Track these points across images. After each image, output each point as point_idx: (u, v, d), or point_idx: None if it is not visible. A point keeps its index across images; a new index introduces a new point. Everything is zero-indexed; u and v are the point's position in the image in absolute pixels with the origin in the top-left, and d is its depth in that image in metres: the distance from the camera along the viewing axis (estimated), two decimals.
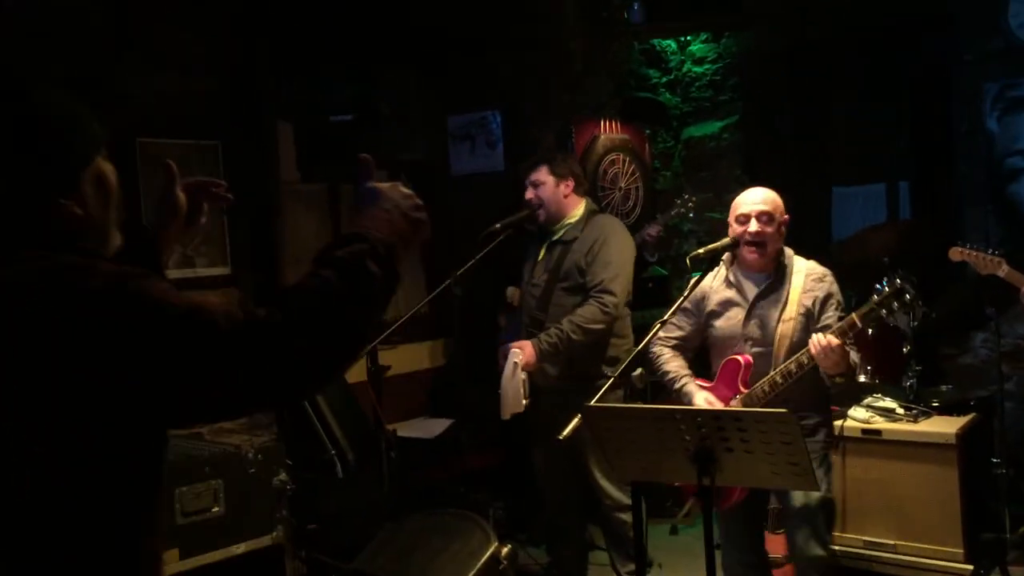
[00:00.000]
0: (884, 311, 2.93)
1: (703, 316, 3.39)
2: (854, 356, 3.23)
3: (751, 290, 3.26)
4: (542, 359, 3.84)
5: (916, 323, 4.38)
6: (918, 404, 4.30)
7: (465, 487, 4.78)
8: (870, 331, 4.51)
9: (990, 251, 3.77)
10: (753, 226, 3.17)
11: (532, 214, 4.06)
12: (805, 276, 3.20)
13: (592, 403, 2.72)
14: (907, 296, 2.89)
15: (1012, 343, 5.03)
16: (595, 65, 5.92)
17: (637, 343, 3.01)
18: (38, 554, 1.33)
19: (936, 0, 5.22)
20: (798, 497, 3.19)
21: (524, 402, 3.85)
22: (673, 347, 3.46)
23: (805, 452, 2.38)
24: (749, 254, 3.22)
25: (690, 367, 3.44)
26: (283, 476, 3.61)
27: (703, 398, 3.24)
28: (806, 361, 3.03)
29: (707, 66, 6.25)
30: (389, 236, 1.47)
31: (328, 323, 1.36)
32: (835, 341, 2.93)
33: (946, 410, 4.31)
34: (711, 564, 2.57)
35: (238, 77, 4.54)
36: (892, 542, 4.08)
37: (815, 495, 3.16)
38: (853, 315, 2.98)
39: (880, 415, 4.24)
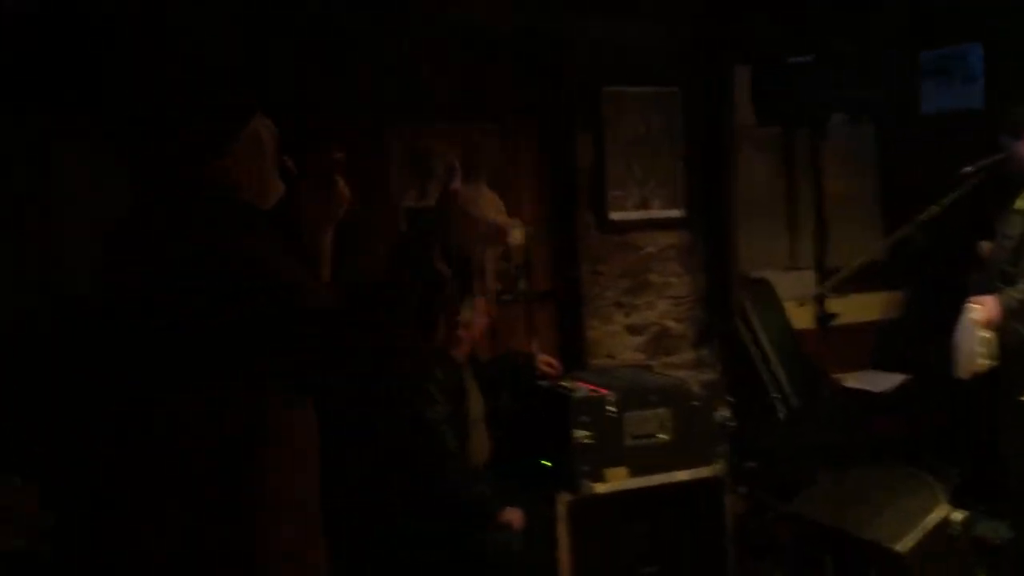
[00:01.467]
0: None
1: None
2: None
3: None
4: (1008, 316, 3.50)
5: None
6: None
7: (916, 446, 4.53)
8: None
9: None
10: None
11: (1009, 158, 3.67)
12: None
13: None
14: None
15: None
16: None
17: None
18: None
19: None
20: None
21: (983, 362, 3.54)
22: None
23: None
24: None
25: None
26: (725, 412, 3.72)
27: None
28: None
29: None
30: (468, 245, 1.68)
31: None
32: None
33: None
34: None
35: (699, 24, 4.65)
36: None
37: None
38: None
39: None
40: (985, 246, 4.30)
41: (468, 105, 4.30)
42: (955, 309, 3.92)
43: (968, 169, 3.67)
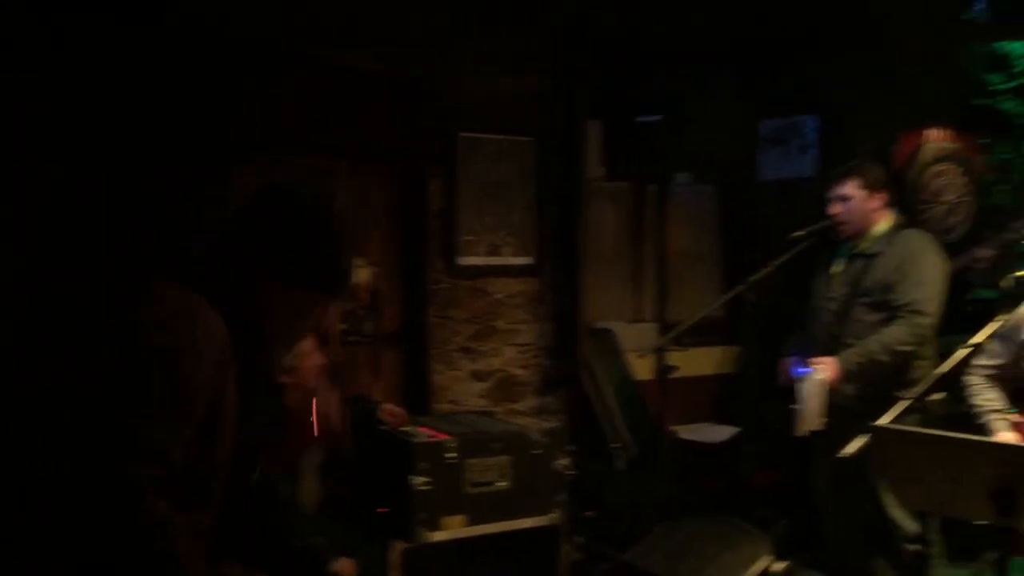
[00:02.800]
0: None
1: (1018, 346, 3.07)
2: None
3: None
4: (845, 378, 3.68)
5: None
6: None
7: (747, 498, 4.68)
8: None
9: None
10: None
11: (837, 225, 3.89)
12: None
13: (884, 423, 2.58)
14: None
15: None
16: (928, 69, 5.51)
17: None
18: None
19: None
20: None
21: (823, 420, 3.71)
22: (988, 376, 3.17)
23: None
24: None
25: (1012, 399, 3.13)
26: (565, 461, 3.74)
27: (1006, 438, 2.94)
28: None
29: None
30: None
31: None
32: None
33: None
34: None
35: (555, 76, 4.75)
36: None
37: None
38: None
39: None
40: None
41: (320, 142, 4.23)
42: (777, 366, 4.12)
43: (799, 233, 3.86)
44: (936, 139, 5.37)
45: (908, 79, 5.41)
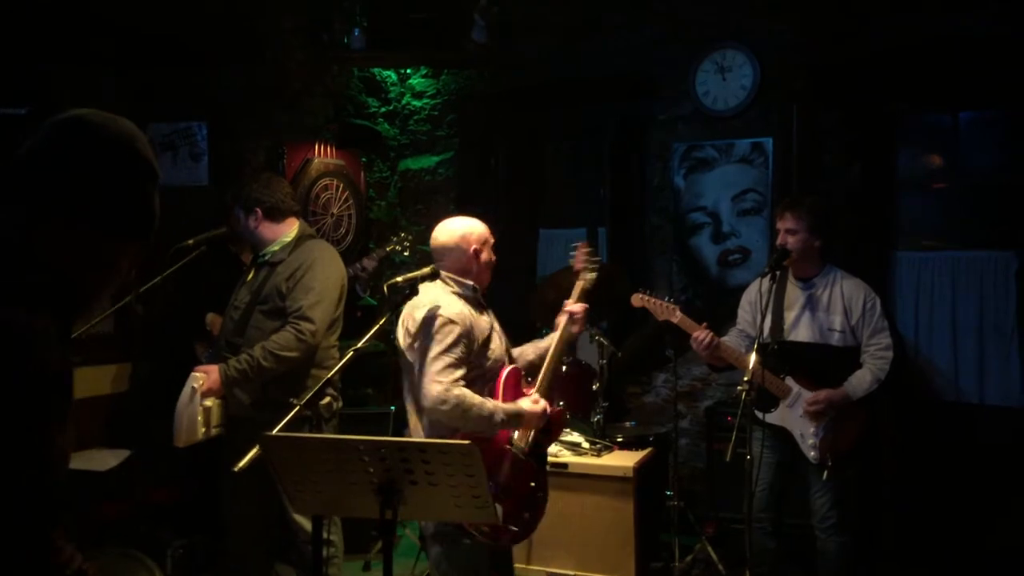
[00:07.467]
0: None
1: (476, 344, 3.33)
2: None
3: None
4: (229, 385, 3.63)
5: (605, 361, 4.61)
6: (603, 439, 4.52)
7: (145, 524, 4.41)
8: (564, 368, 4.71)
9: (667, 298, 4.00)
10: None
11: (229, 232, 3.86)
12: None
13: (272, 432, 2.58)
14: None
15: (688, 384, 5.46)
16: (313, 87, 5.79)
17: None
18: None
19: (637, 61, 5.60)
20: None
21: (203, 431, 3.60)
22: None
23: (486, 484, 2.37)
24: None
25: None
26: None
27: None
28: None
29: (426, 100, 6.33)
30: None
31: None
32: None
33: (628, 445, 4.56)
34: None
35: None
36: (572, 572, 4.24)
37: None
38: None
39: (567, 448, 4.41)
40: (212, 320, 4.44)
41: None
42: (182, 380, 3.95)
43: (186, 243, 3.74)
44: (322, 155, 5.66)
45: (292, 95, 5.62)
